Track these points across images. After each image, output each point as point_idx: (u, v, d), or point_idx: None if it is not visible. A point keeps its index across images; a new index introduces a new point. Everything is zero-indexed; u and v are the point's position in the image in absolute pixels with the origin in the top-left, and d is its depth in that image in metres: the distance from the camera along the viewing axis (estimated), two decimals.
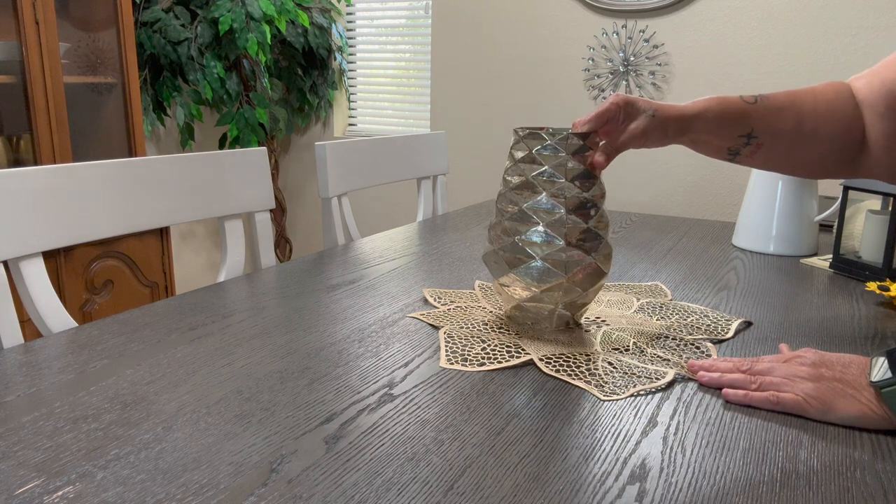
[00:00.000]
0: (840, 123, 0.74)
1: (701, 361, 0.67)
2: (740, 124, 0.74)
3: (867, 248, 1.02)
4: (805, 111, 0.74)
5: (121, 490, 0.47)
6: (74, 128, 2.04)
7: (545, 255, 0.73)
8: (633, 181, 2.28)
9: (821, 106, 0.74)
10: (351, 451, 0.52)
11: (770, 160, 0.77)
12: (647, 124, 0.72)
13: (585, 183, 0.74)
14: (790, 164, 0.77)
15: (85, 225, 0.89)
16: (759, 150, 0.76)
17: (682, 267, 1.07)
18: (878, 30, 1.87)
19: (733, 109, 0.74)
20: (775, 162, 0.77)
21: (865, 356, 0.61)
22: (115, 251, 1.99)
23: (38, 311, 0.81)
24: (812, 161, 0.77)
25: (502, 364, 0.68)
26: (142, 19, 2.37)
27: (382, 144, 1.46)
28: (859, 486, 0.49)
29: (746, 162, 0.77)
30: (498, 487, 0.48)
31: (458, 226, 1.36)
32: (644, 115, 0.73)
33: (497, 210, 0.78)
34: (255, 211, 1.12)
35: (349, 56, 2.84)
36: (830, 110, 0.74)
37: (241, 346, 0.73)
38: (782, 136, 0.75)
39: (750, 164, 0.78)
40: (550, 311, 0.75)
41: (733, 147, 0.76)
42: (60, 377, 0.64)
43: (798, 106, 0.74)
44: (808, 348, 0.64)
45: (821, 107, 0.74)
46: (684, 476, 0.50)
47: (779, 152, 0.76)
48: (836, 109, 0.74)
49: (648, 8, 2.13)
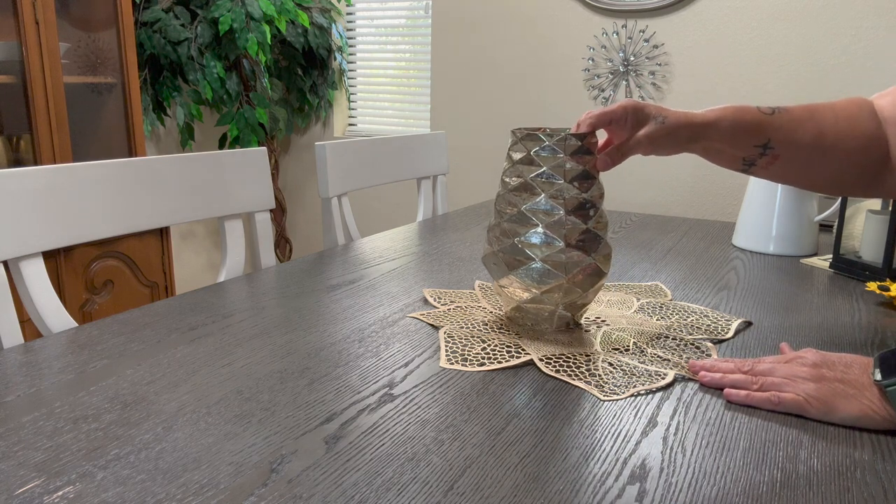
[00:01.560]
0: (861, 139, 0.72)
1: (702, 362, 0.67)
2: (756, 134, 0.72)
3: (867, 248, 1.02)
4: (825, 125, 0.72)
5: (121, 490, 0.47)
6: (74, 128, 2.04)
7: (545, 257, 0.73)
8: (633, 181, 2.28)
9: (842, 121, 0.73)
10: (351, 451, 0.52)
11: (787, 173, 0.75)
12: (656, 131, 0.71)
13: (584, 184, 0.73)
14: (808, 178, 0.75)
15: (85, 225, 0.88)
16: (775, 162, 0.74)
17: (682, 267, 1.07)
18: (878, 30, 1.87)
19: (749, 119, 0.72)
20: (792, 175, 0.75)
21: (866, 356, 0.61)
22: (115, 251, 1.99)
23: (38, 311, 0.81)
24: (831, 176, 0.74)
25: (502, 364, 0.68)
26: (142, 19, 2.37)
27: (382, 144, 1.46)
28: (859, 486, 0.49)
29: (762, 174, 0.76)
30: (498, 487, 0.48)
31: (458, 226, 1.36)
32: (654, 121, 0.72)
33: (496, 211, 0.78)
34: (255, 211, 1.12)
35: (349, 56, 2.84)
36: (851, 125, 0.73)
37: (241, 346, 0.73)
38: (800, 149, 0.73)
39: (766, 176, 0.76)
40: (551, 313, 0.75)
41: (748, 157, 0.74)
42: (60, 377, 0.64)
43: (818, 119, 0.73)
44: (810, 348, 0.64)
45: (842, 121, 0.73)
46: (684, 476, 0.50)
47: (796, 165, 0.74)
48: (858, 124, 0.73)
49: (648, 8, 2.13)
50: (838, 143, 0.72)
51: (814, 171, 0.74)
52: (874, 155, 0.73)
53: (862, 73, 1.91)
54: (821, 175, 0.75)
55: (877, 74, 1.88)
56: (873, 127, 0.73)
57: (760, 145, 0.72)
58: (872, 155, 0.73)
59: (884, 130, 0.73)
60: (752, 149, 0.73)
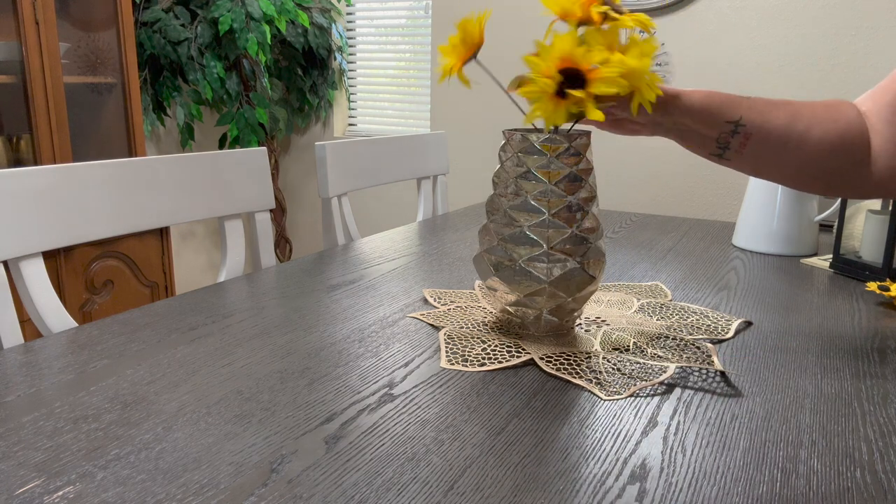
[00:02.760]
0: (837, 124, 0.72)
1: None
2: (728, 111, 0.71)
3: (867, 248, 1.02)
4: (801, 112, 0.72)
5: (121, 490, 0.47)
6: (74, 128, 2.04)
7: (527, 259, 0.71)
8: (633, 181, 2.28)
9: (819, 108, 0.73)
10: (351, 451, 0.52)
11: (760, 160, 0.73)
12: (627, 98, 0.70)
13: (571, 186, 0.71)
14: (782, 166, 0.74)
15: (85, 225, 0.88)
16: (748, 143, 0.72)
17: (682, 267, 1.07)
18: (877, 30, 1.87)
19: (722, 96, 0.72)
20: (766, 162, 0.74)
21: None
22: (115, 251, 1.99)
23: (38, 311, 0.81)
24: (805, 166, 0.73)
25: (502, 364, 0.68)
26: (142, 19, 2.37)
27: (382, 144, 1.46)
28: (859, 486, 0.49)
29: (736, 160, 0.74)
30: (498, 487, 0.48)
31: (458, 226, 1.36)
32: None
33: (486, 211, 0.77)
34: (255, 211, 1.12)
35: (349, 56, 2.84)
36: (828, 112, 0.72)
37: (241, 346, 0.73)
38: (773, 130, 0.72)
39: (740, 164, 0.75)
40: (536, 317, 0.74)
41: (721, 139, 0.72)
42: (60, 377, 0.64)
43: (794, 106, 0.73)
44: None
45: (819, 109, 0.73)
46: (684, 476, 0.50)
47: (769, 149, 0.72)
48: (834, 112, 0.73)
49: (648, 8, 2.13)
50: (813, 127, 0.71)
51: (789, 158, 0.73)
52: (851, 143, 0.72)
53: (862, 73, 1.91)
54: (796, 162, 0.73)
55: (877, 74, 1.88)
56: (851, 114, 0.72)
57: (732, 121, 0.71)
58: (850, 143, 0.72)
59: (863, 121, 0.73)
60: (724, 125, 0.71)
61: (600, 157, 2.32)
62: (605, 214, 1.51)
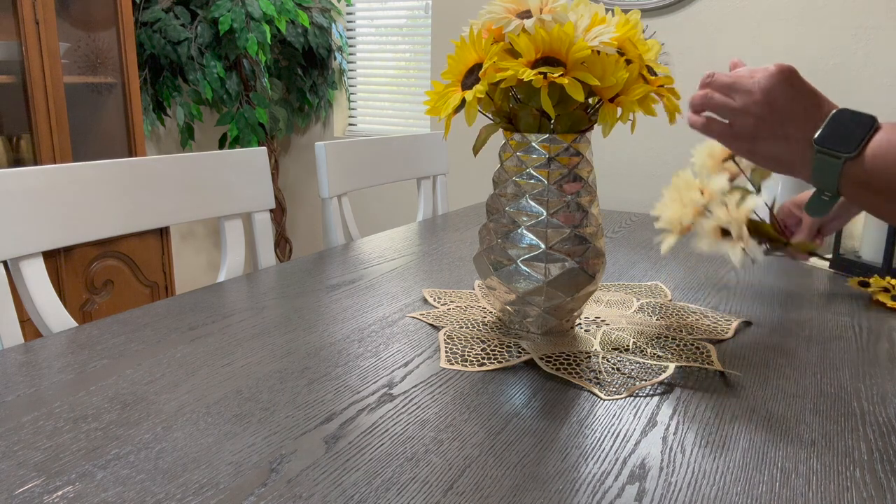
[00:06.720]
0: None
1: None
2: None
3: (867, 248, 1.02)
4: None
5: (121, 490, 0.47)
6: (74, 128, 2.04)
7: (525, 259, 0.72)
8: (633, 181, 2.28)
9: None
10: (351, 451, 0.52)
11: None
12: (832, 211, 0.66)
13: (570, 186, 0.72)
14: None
15: (85, 225, 0.89)
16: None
17: (682, 267, 1.07)
18: (878, 30, 1.87)
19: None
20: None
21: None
22: (115, 251, 1.99)
23: (37, 311, 0.81)
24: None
25: (502, 364, 0.68)
26: (142, 19, 2.37)
27: (382, 144, 1.46)
28: (859, 486, 0.49)
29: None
30: (498, 487, 0.48)
31: (458, 226, 1.36)
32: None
33: (486, 211, 0.77)
34: (254, 211, 1.12)
35: (349, 56, 2.84)
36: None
37: (241, 346, 0.73)
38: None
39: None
40: (535, 316, 0.75)
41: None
42: (60, 377, 0.64)
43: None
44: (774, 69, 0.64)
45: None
46: (684, 476, 0.50)
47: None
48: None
49: (648, 8, 2.13)
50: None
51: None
52: None
53: (862, 73, 1.91)
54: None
55: (877, 74, 1.88)
56: None
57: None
58: None
59: None
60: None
61: (600, 158, 2.32)
62: (605, 214, 1.51)
